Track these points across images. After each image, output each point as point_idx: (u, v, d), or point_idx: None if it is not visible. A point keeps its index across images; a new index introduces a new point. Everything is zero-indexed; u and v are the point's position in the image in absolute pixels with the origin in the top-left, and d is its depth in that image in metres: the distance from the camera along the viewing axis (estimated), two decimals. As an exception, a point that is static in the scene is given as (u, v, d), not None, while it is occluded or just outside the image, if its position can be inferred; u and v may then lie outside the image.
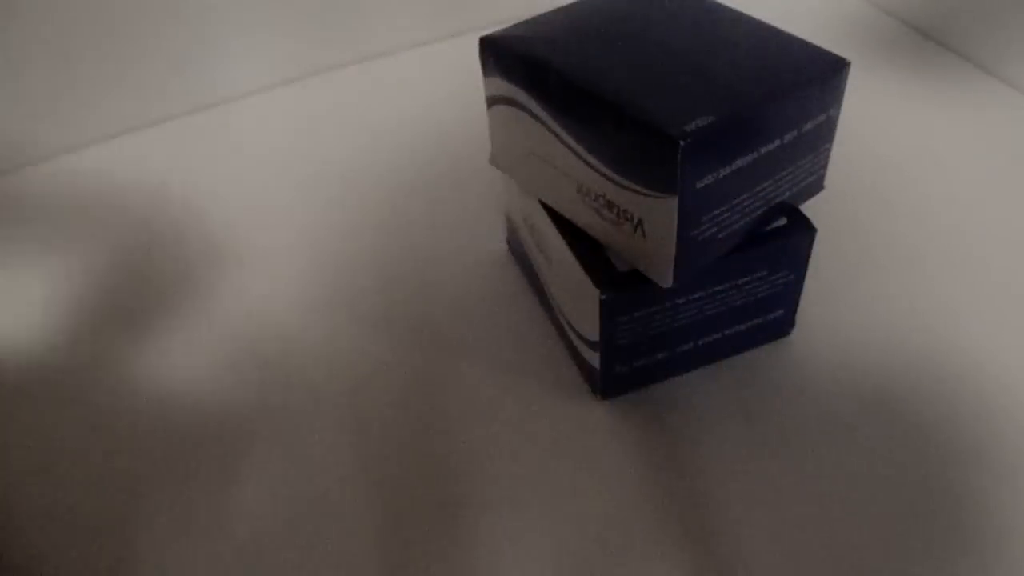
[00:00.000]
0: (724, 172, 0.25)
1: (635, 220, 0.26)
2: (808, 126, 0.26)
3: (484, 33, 0.28)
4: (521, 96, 0.28)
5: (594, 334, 0.28)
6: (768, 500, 0.27)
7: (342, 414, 0.30)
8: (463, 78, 0.43)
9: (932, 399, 0.29)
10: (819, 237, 0.29)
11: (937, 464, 0.27)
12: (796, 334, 0.32)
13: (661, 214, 0.25)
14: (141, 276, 0.36)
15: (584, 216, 0.28)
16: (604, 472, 0.28)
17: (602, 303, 0.27)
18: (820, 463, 0.28)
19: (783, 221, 0.29)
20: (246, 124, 0.44)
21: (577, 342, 0.30)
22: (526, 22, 0.29)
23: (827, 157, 0.29)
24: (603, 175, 0.26)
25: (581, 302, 0.28)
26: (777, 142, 0.26)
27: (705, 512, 0.27)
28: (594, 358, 0.29)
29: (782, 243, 0.28)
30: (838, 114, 0.27)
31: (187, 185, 0.40)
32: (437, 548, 0.26)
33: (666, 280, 0.26)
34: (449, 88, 0.45)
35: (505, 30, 0.28)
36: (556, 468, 0.28)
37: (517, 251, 0.34)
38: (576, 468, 0.28)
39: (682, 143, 0.23)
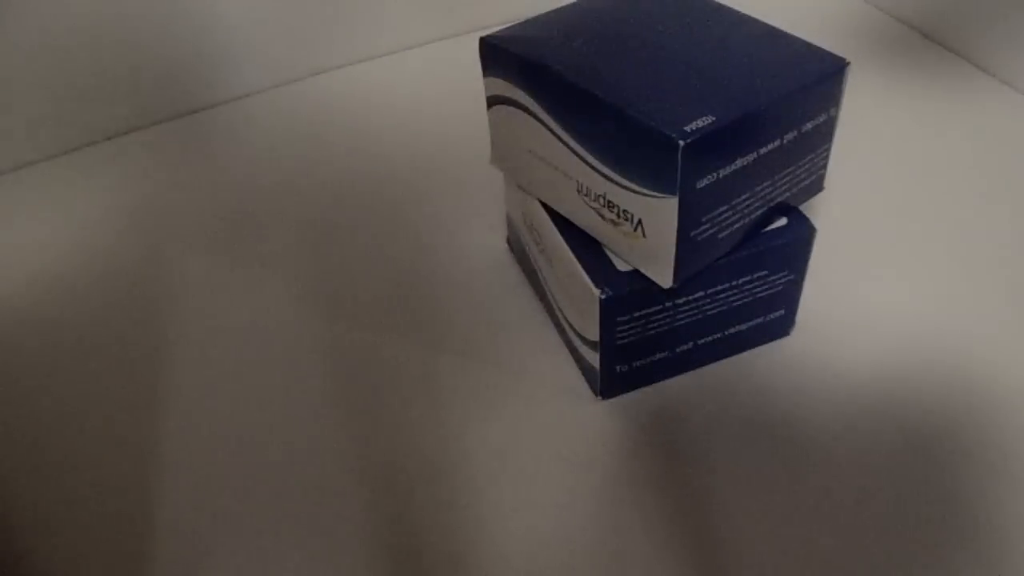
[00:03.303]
0: (724, 172, 0.25)
1: (635, 220, 0.26)
2: (808, 126, 0.26)
3: (484, 33, 0.28)
4: (521, 96, 0.28)
5: (594, 334, 0.28)
6: (767, 499, 0.27)
7: (340, 414, 0.30)
8: (463, 78, 0.43)
9: (932, 399, 0.29)
10: (819, 237, 0.29)
11: (937, 464, 0.27)
12: (796, 334, 0.32)
13: (661, 214, 0.25)
14: (140, 278, 0.36)
15: (584, 216, 0.28)
16: (603, 472, 0.28)
17: (602, 303, 0.27)
18: (820, 463, 0.28)
19: (783, 221, 0.29)
20: (245, 124, 0.44)
21: (577, 342, 0.30)
22: (526, 22, 0.29)
23: (827, 157, 0.29)
24: (603, 175, 0.26)
25: (581, 302, 0.28)
26: (777, 142, 0.26)
27: (704, 512, 0.27)
28: (594, 358, 0.29)
29: (782, 243, 0.28)
30: (838, 114, 0.27)
31: (185, 187, 0.40)
32: (434, 548, 0.26)
33: (666, 280, 0.26)
34: (449, 88, 0.45)
35: (505, 30, 0.28)
36: (555, 468, 0.28)
37: (517, 251, 0.34)
38: (575, 468, 0.28)
39: (682, 143, 0.23)
